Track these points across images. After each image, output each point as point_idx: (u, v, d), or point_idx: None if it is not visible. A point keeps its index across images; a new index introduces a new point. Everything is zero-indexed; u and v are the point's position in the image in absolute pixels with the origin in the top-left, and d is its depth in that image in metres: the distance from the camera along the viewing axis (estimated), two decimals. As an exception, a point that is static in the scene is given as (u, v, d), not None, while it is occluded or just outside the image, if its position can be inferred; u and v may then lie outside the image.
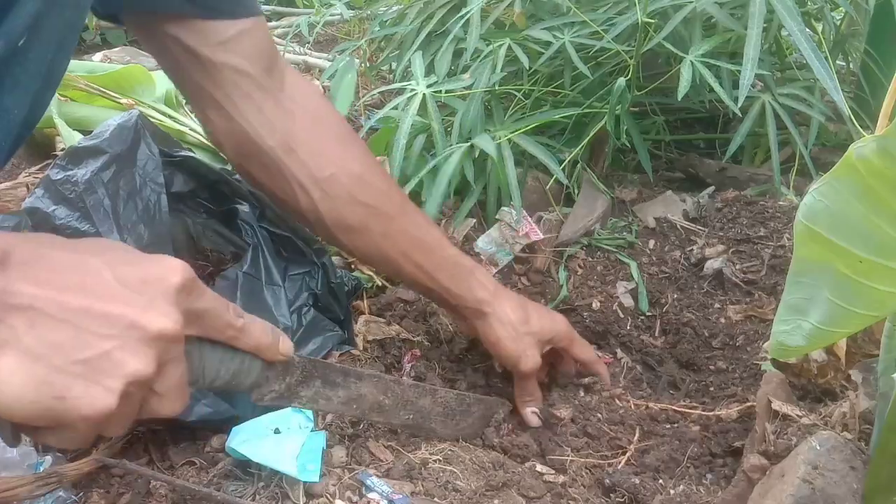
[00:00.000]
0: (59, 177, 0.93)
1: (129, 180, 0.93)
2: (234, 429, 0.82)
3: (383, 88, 1.46)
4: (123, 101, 1.47)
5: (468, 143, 1.22)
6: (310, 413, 0.86)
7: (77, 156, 0.94)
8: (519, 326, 0.97)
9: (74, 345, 0.52)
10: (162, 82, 1.54)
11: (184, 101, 1.58)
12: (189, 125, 1.44)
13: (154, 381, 0.56)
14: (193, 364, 0.62)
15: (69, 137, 1.34)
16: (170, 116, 1.46)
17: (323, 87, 1.63)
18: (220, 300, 0.62)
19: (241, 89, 0.85)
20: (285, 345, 0.69)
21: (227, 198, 1.03)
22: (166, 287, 0.56)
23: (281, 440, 0.81)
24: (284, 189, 0.90)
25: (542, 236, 1.25)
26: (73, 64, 1.61)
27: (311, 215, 0.91)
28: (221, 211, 1.04)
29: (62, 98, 1.46)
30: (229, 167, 1.03)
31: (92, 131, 0.98)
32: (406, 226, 0.94)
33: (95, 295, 0.53)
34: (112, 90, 1.48)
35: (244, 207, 1.02)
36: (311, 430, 0.84)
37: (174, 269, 0.57)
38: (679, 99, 1.17)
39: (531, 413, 0.99)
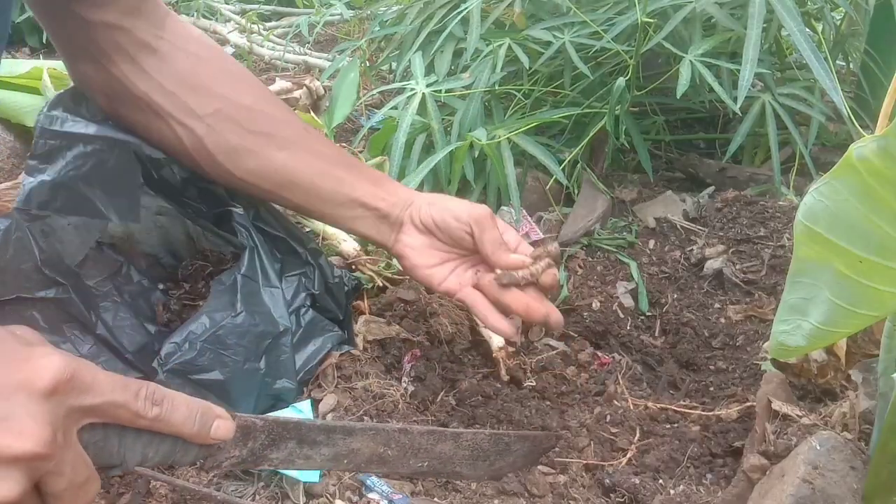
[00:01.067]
0: (35, 151, 0.90)
1: (84, 116, 0.90)
2: None
3: (383, 88, 1.46)
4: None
5: (465, 141, 1.21)
6: (308, 412, 0.86)
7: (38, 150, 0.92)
8: (436, 215, 0.90)
9: None
10: None
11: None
12: None
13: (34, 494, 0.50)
14: (111, 450, 0.55)
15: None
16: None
17: (324, 87, 1.63)
18: (121, 389, 0.54)
19: (115, 42, 0.84)
20: (221, 430, 0.60)
21: (219, 200, 1.03)
22: (30, 395, 0.48)
23: None
24: (163, 131, 0.88)
25: (541, 236, 1.25)
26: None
27: (199, 153, 0.88)
28: (215, 213, 1.03)
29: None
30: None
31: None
32: (313, 145, 0.90)
33: None
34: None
35: (238, 210, 1.01)
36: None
37: (43, 371, 0.49)
38: (678, 98, 1.17)
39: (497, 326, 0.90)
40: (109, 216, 0.89)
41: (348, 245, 1.15)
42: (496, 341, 1.08)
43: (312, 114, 1.59)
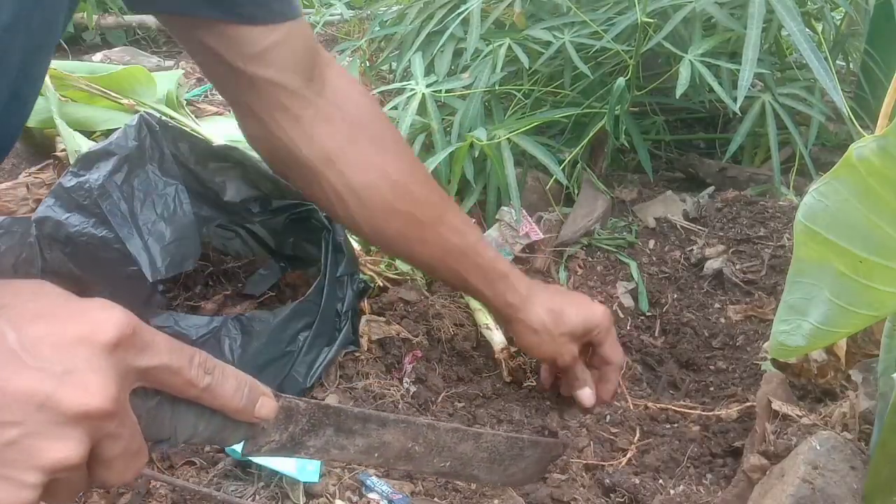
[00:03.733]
0: (71, 184, 0.91)
1: (144, 180, 0.92)
2: None
3: (383, 88, 1.46)
4: (124, 101, 1.47)
5: (465, 142, 1.21)
6: None
7: (88, 160, 0.93)
8: (552, 329, 0.96)
9: None
10: (163, 83, 1.54)
11: (184, 102, 1.58)
12: (190, 126, 1.44)
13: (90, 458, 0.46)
14: (163, 421, 0.52)
15: (69, 138, 1.34)
16: (170, 118, 1.46)
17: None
18: (177, 353, 0.50)
19: (277, 101, 0.82)
20: (265, 408, 0.57)
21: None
22: (93, 348, 0.45)
23: None
24: (322, 197, 0.90)
25: (542, 236, 1.25)
26: (74, 65, 1.61)
27: (349, 222, 0.91)
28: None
29: (63, 98, 1.46)
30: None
31: (93, 132, 0.97)
32: (442, 232, 0.93)
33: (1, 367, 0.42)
34: (113, 91, 1.48)
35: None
36: None
37: (105, 324, 0.46)
38: (677, 97, 1.17)
39: (585, 395, 0.99)
40: (104, 293, 0.90)
41: (349, 245, 1.15)
42: (498, 342, 1.08)
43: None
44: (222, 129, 1.48)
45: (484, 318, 1.11)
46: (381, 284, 1.14)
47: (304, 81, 0.83)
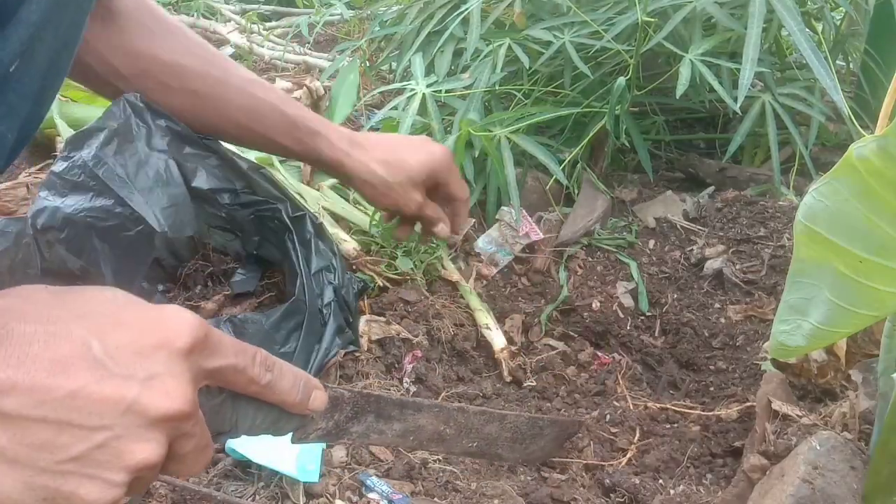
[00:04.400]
0: (62, 167, 0.93)
1: (134, 153, 0.94)
2: None
3: (383, 88, 1.46)
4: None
5: (462, 131, 1.21)
6: None
7: (76, 141, 0.95)
8: (389, 179, 0.98)
9: (60, 443, 0.44)
10: None
11: None
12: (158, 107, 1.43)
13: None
14: (226, 415, 0.55)
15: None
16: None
17: (324, 87, 1.63)
18: (241, 354, 0.53)
19: None
20: (317, 401, 0.59)
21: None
22: (170, 354, 0.47)
23: (281, 440, 0.81)
24: (106, 91, 0.95)
25: (542, 236, 1.25)
26: None
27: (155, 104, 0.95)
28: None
29: (62, 98, 1.46)
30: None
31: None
32: (229, 97, 0.96)
33: (79, 377, 0.44)
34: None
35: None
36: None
37: (181, 330, 0.48)
38: (678, 97, 1.17)
39: (439, 229, 1.04)
40: (106, 274, 0.90)
41: (348, 245, 1.15)
42: (498, 342, 1.08)
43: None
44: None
45: (484, 318, 1.11)
46: (381, 284, 1.14)
47: None
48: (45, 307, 0.47)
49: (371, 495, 0.79)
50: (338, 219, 1.25)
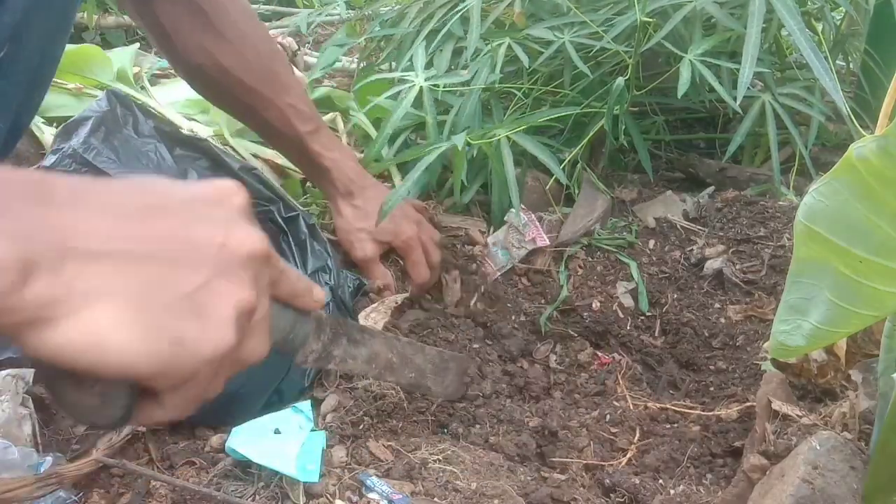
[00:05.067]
0: (52, 160, 0.93)
1: (122, 140, 0.96)
2: (235, 429, 0.82)
3: (381, 76, 1.44)
4: (70, 86, 1.48)
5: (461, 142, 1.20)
6: (309, 413, 0.86)
7: (64, 133, 0.95)
8: (354, 222, 1.12)
9: (170, 280, 0.44)
10: (116, 60, 1.56)
11: (144, 77, 1.60)
12: (149, 104, 1.44)
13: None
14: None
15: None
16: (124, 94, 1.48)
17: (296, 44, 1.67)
18: (279, 264, 0.57)
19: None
20: (318, 293, 0.63)
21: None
22: (235, 205, 0.50)
23: (281, 440, 0.81)
24: (167, 58, 1.07)
25: (548, 242, 1.25)
26: None
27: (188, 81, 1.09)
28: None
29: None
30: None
31: (47, 116, 0.99)
32: (266, 118, 1.08)
33: (172, 220, 0.46)
34: (64, 70, 1.48)
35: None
36: (311, 430, 0.84)
37: (234, 189, 0.52)
38: (678, 97, 1.17)
39: (374, 286, 1.11)
40: None
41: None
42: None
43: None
44: (171, 95, 1.53)
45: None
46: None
47: None
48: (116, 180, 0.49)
49: (371, 495, 0.79)
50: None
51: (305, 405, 0.89)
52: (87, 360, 0.40)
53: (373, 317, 1.03)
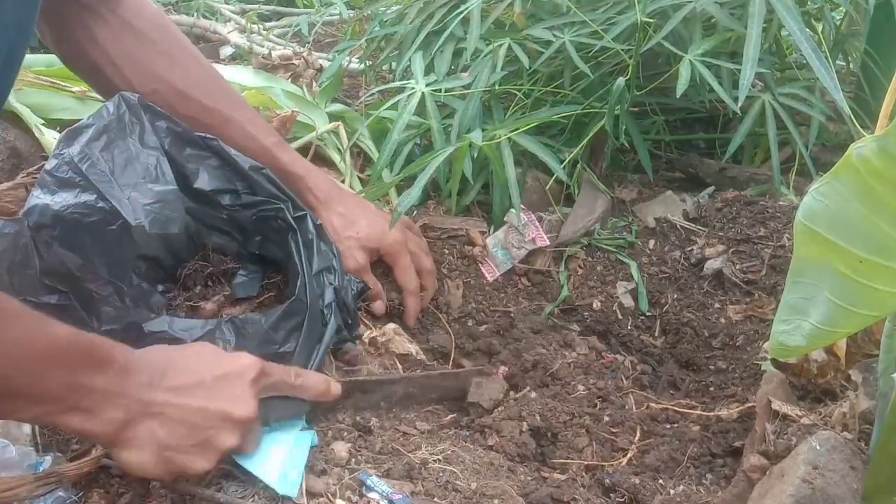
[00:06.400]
0: (53, 164, 0.93)
1: (124, 149, 0.96)
2: None
3: (382, 87, 1.46)
4: (75, 89, 1.48)
5: (464, 142, 1.21)
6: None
7: (68, 138, 0.95)
8: (341, 231, 1.07)
9: (190, 435, 0.74)
10: None
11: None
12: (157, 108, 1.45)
13: None
14: (268, 413, 0.81)
15: (31, 120, 1.40)
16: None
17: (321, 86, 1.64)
18: (284, 371, 0.83)
19: (76, 14, 0.98)
20: (335, 388, 0.87)
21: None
22: (245, 381, 0.77)
23: (271, 441, 0.81)
24: (111, 94, 1.01)
25: (548, 243, 1.25)
26: (32, 59, 1.61)
27: None
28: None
29: (17, 88, 1.47)
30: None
31: (50, 118, 1.07)
32: (229, 134, 1.04)
33: (203, 396, 0.75)
34: (70, 81, 1.49)
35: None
36: (301, 429, 0.84)
37: (250, 367, 0.79)
38: (678, 97, 1.17)
39: (375, 306, 1.09)
40: (101, 271, 0.91)
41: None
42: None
43: (305, 91, 1.62)
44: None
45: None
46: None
47: (100, 0, 0.98)
48: (167, 354, 0.79)
49: (371, 495, 0.79)
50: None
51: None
52: (130, 468, 0.75)
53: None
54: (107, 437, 0.73)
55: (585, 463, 0.93)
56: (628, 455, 0.95)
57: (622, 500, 0.88)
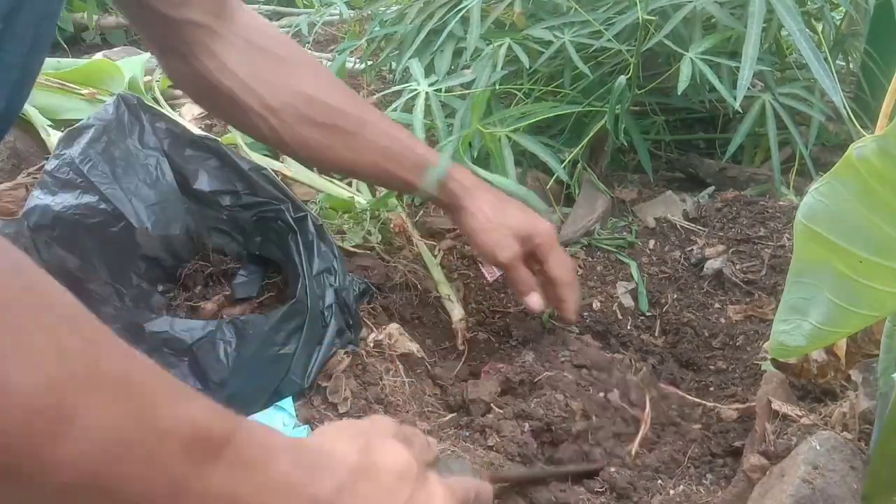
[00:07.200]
0: (53, 165, 0.93)
1: (124, 150, 0.96)
2: None
3: (385, 91, 1.46)
4: (84, 91, 1.48)
5: (468, 130, 1.21)
6: (292, 410, 0.86)
7: (68, 139, 0.95)
8: (493, 218, 1.00)
9: None
10: (127, 70, 1.56)
11: (155, 86, 1.60)
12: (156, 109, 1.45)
13: None
14: None
15: (39, 122, 1.41)
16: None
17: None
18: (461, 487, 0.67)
19: (195, 38, 0.92)
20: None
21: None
22: (419, 472, 0.60)
23: None
24: (247, 121, 0.97)
25: None
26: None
27: (276, 141, 0.99)
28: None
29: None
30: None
31: (58, 120, 1.00)
32: (368, 136, 1.00)
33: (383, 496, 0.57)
34: (78, 83, 1.49)
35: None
36: (294, 427, 0.84)
37: (414, 463, 0.60)
38: (679, 95, 1.17)
39: (532, 300, 1.02)
40: (101, 272, 0.91)
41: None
42: (456, 314, 1.10)
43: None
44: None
45: (445, 289, 1.14)
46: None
47: (216, 19, 0.93)
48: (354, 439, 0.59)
49: (371, 495, 0.79)
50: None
51: (287, 402, 0.89)
52: None
53: None
54: None
55: (586, 462, 0.93)
56: (628, 455, 0.95)
57: (622, 500, 0.88)
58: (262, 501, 0.49)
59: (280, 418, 0.85)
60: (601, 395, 1.01)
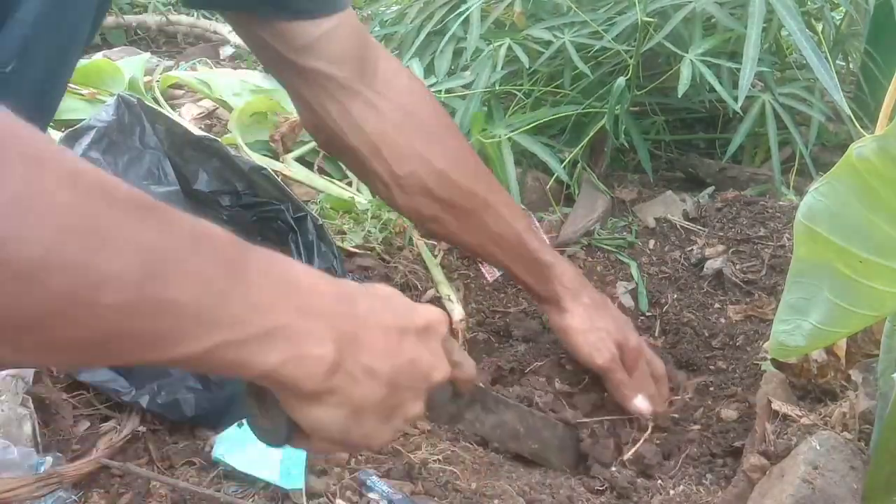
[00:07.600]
0: None
1: (125, 151, 0.95)
2: (219, 437, 0.82)
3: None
4: (84, 91, 1.48)
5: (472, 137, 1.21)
6: None
7: (68, 140, 0.95)
8: (594, 321, 0.98)
9: (386, 398, 0.57)
10: (128, 70, 1.56)
11: (155, 86, 1.60)
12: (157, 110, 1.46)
13: None
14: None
15: None
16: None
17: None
18: (452, 340, 0.68)
19: (327, 90, 0.86)
20: (471, 371, 0.73)
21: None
22: (439, 336, 0.63)
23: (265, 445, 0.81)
24: (369, 181, 0.95)
25: (548, 243, 1.25)
26: None
27: (391, 203, 0.96)
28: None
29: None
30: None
31: (58, 119, 0.99)
32: (485, 220, 0.96)
33: (412, 349, 0.59)
34: (79, 84, 1.49)
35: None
36: None
37: (442, 319, 0.64)
38: (679, 97, 1.17)
39: (641, 404, 0.98)
40: None
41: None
42: (457, 314, 1.10)
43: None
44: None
45: (445, 289, 1.14)
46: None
47: (354, 72, 0.87)
48: (364, 300, 0.57)
49: (371, 495, 0.79)
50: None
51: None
52: (310, 425, 0.55)
53: None
54: (313, 385, 0.52)
55: (585, 463, 0.93)
56: (629, 455, 0.95)
57: (622, 500, 0.88)
58: (302, 303, 0.51)
59: None
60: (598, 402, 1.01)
